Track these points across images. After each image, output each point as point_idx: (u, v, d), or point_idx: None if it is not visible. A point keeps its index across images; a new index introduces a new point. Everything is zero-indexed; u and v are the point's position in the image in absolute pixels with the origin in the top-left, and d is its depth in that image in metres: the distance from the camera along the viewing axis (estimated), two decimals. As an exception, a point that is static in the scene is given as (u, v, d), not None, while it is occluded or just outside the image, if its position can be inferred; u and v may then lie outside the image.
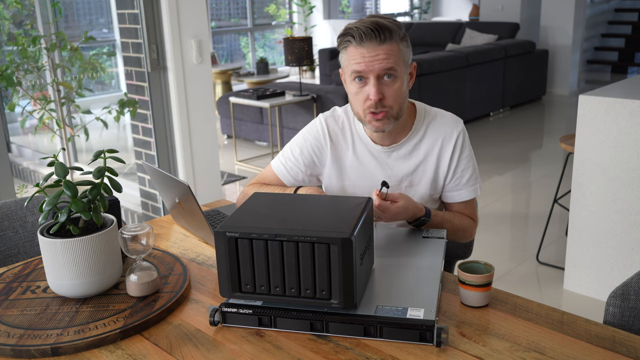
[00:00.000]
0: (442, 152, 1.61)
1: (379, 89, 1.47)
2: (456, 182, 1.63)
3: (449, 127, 1.62)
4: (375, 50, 1.44)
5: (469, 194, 1.65)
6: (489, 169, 5.01)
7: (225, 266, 1.20)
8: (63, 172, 1.29)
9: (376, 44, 1.44)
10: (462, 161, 1.62)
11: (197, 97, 3.47)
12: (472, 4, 10.31)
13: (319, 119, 1.68)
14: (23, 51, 3.33)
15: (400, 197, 1.48)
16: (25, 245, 1.88)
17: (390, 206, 1.45)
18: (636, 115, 2.58)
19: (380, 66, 1.45)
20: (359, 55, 1.45)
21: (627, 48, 9.55)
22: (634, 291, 1.31)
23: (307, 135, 1.68)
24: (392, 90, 1.48)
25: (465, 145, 1.62)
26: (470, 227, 1.67)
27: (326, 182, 1.71)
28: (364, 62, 1.45)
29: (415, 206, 1.51)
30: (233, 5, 10.17)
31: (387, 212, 1.46)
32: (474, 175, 1.64)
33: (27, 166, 5.15)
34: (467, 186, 1.64)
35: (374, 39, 1.44)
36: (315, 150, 1.67)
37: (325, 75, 8.05)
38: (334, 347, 1.15)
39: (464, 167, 1.62)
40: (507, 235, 3.78)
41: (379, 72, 1.45)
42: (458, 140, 1.61)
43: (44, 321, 1.25)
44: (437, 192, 1.66)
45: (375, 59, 1.44)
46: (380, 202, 1.44)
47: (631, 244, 2.71)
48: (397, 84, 1.49)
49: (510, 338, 1.16)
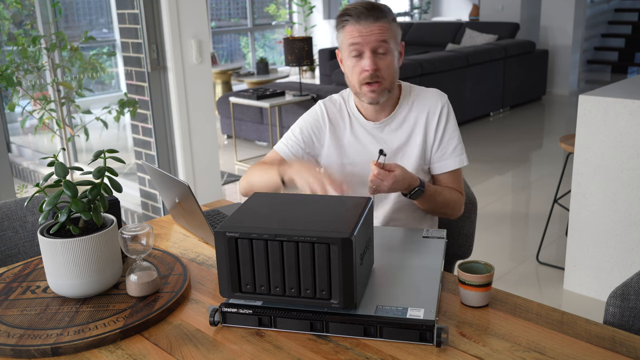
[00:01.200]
0: (428, 123, 1.71)
1: (374, 61, 1.60)
2: (442, 151, 1.72)
3: (434, 99, 1.73)
4: (370, 27, 1.59)
5: (454, 164, 1.72)
6: (489, 169, 5.01)
7: (225, 266, 1.20)
8: (63, 172, 1.29)
9: (371, 22, 1.59)
10: (447, 131, 1.72)
11: (197, 97, 3.47)
12: (472, 4, 10.31)
13: (318, 104, 1.81)
14: (23, 51, 3.33)
15: (396, 166, 1.53)
16: (25, 245, 1.88)
17: (388, 174, 1.50)
18: (636, 115, 2.58)
19: (375, 38, 1.59)
20: (356, 31, 1.60)
21: (627, 48, 9.55)
22: (634, 291, 1.31)
23: (307, 117, 1.80)
24: (385, 62, 1.62)
25: (450, 116, 1.73)
26: (459, 200, 1.73)
27: (325, 162, 1.78)
28: (360, 36, 1.59)
29: (410, 176, 1.56)
30: (233, 5, 10.18)
31: (386, 181, 1.49)
32: (459, 146, 1.73)
33: (27, 166, 5.15)
34: (453, 156, 1.72)
35: (369, 17, 1.59)
36: (314, 130, 1.77)
37: (325, 75, 8.05)
38: (334, 347, 1.15)
39: (449, 137, 1.72)
40: (507, 235, 3.78)
41: (374, 45, 1.59)
42: (443, 111, 1.72)
43: (44, 321, 1.25)
44: (426, 163, 1.74)
45: (370, 33, 1.59)
46: (379, 171, 1.49)
47: (631, 244, 2.71)
48: (389, 57, 1.62)
49: (510, 338, 1.16)
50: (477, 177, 4.78)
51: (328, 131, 1.75)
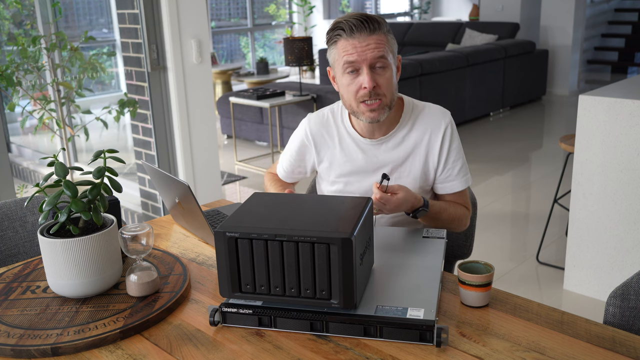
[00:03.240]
0: (430, 144, 1.64)
1: (372, 77, 1.50)
2: (448, 173, 1.66)
3: (437, 118, 1.64)
4: (366, 40, 1.48)
5: (461, 185, 1.68)
6: (489, 169, 5.01)
7: (225, 266, 1.20)
8: (63, 172, 1.29)
9: (366, 35, 1.48)
10: (452, 152, 1.65)
11: (197, 97, 3.47)
12: (472, 4, 10.31)
13: (303, 122, 1.75)
14: (23, 51, 3.33)
15: (400, 189, 1.50)
16: (25, 245, 1.88)
17: (391, 198, 1.47)
18: (636, 115, 2.58)
19: (372, 55, 1.49)
20: (351, 46, 1.49)
21: (627, 48, 9.54)
22: (634, 291, 1.31)
23: (294, 137, 1.78)
24: (384, 78, 1.52)
25: (454, 137, 1.66)
26: (465, 216, 1.70)
27: (318, 179, 1.81)
28: (355, 52, 1.49)
29: (414, 197, 1.53)
30: (233, 5, 10.17)
31: (388, 204, 1.48)
32: (464, 167, 1.68)
33: (27, 166, 5.15)
34: (459, 177, 1.67)
35: (364, 29, 1.48)
36: (302, 150, 1.76)
37: (325, 75, 8.05)
38: (334, 347, 1.15)
39: (454, 159, 1.66)
40: (507, 235, 3.78)
41: (371, 60, 1.49)
42: (447, 131, 1.64)
43: (44, 321, 1.25)
44: (428, 184, 1.69)
45: (366, 48, 1.48)
46: (382, 195, 1.46)
47: (631, 244, 2.71)
48: (388, 72, 1.53)
49: (510, 338, 1.16)
50: (477, 177, 4.78)
51: (314, 150, 1.72)
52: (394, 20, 11.44)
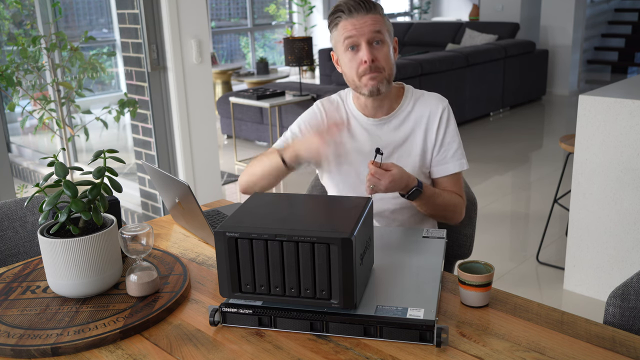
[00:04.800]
0: (429, 125, 1.71)
1: (370, 52, 1.61)
2: (443, 154, 1.71)
3: (435, 102, 1.73)
4: (363, 19, 1.61)
5: (454, 167, 1.72)
6: (489, 169, 5.01)
7: (225, 266, 1.20)
8: (63, 172, 1.29)
9: (364, 14, 1.61)
10: (448, 134, 1.71)
11: (197, 97, 3.47)
12: (472, 4, 10.31)
13: (316, 104, 1.84)
14: (23, 51, 3.33)
15: (393, 166, 1.52)
16: (25, 245, 1.88)
17: (385, 172, 1.49)
18: (636, 115, 2.58)
19: (369, 29, 1.60)
20: (350, 25, 1.62)
21: (627, 48, 9.54)
22: (634, 291, 1.31)
23: (306, 115, 1.83)
24: (382, 53, 1.63)
25: (450, 120, 1.73)
26: (460, 204, 1.72)
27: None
28: (354, 29, 1.61)
29: (408, 176, 1.55)
30: (233, 5, 10.17)
31: (383, 180, 1.48)
32: (459, 150, 1.72)
33: (27, 166, 5.15)
34: (454, 159, 1.71)
35: (361, 10, 1.62)
36: (314, 128, 1.78)
37: (325, 75, 8.05)
38: (334, 347, 1.15)
39: (449, 140, 1.71)
40: (507, 235, 3.78)
41: (368, 35, 1.60)
42: (443, 114, 1.71)
43: (44, 321, 1.25)
44: (426, 166, 1.73)
45: (364, 25, 1.61)
46: (376, 170, 1.48)
47: (631, 244, 2.71)
48: (385, 47, 1.63)
49: (510, 338, 1.16)
50: (477, 177, 4.78)
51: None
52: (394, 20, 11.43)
